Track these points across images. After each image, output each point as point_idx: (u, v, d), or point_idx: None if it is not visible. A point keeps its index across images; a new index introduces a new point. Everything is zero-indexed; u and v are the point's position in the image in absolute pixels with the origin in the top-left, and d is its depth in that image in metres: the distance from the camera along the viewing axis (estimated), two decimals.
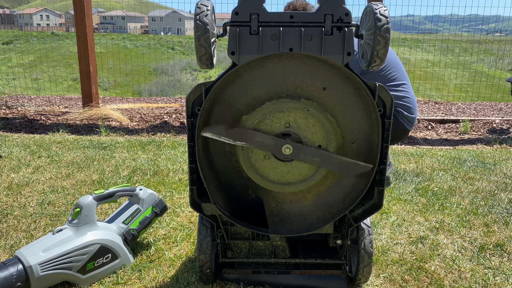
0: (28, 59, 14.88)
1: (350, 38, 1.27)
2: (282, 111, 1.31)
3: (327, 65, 1.29)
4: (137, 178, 2.66)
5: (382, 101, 1.32)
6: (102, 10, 60.09)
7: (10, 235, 1.89)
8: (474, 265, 1.71)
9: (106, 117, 4.32)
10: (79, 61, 4.37)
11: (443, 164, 3.05)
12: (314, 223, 1.44)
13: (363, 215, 1.45)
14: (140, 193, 1.77)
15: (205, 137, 1.38)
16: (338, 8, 1.25)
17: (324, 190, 1.43)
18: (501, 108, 5.49)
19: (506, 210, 2.24)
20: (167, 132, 3.97)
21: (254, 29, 1.26)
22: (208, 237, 1.49)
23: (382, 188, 1.38)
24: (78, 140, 3.57)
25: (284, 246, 1.52)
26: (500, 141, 3.76)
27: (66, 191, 2.42)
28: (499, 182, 2.68)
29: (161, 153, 3.23)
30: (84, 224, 1.57)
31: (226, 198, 1.45)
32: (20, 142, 3.42)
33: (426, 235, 1.96)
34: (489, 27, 27.78)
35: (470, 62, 11.74)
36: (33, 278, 1.42)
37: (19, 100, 5.56)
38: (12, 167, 2.81)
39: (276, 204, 1.46)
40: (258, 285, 1.53)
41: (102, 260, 1.58)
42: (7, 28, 34.87)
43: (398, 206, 2.30)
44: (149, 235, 1.93)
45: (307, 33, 1.26)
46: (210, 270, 1.50)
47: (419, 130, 4.27)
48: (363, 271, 1.50)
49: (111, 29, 48.71)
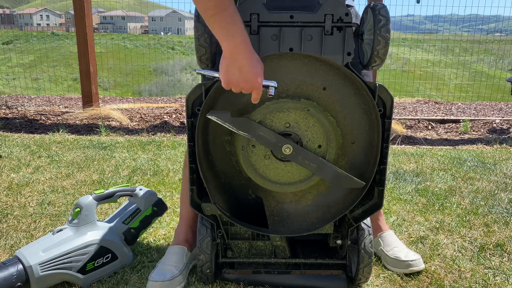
0: (28, 59, 14.88)
1: (350, 38, 1.27)
2: (282, 111, 1.31)
3: (327, 65, 1.29)
4: (137, 178, 2.66)
5: (382, 101, 1.32)
6: (102, 10, 60.09)
7: (10, 235, 1.89)
8: (474, 265, 1.71)
9: (106, 117, 4.32)
10: (79, 61, 4.37)
11: (443, 164, 3.05)
12: (314, 223, 1.44)
13: (363, 215, 1.45)
14: (140, 193, 1.77)
15: (205, 137, 1.38)
16: (338, 8, 1.25)
17: (324, 190, 1.43)
18: (501, 108, 5.49)
19: (506, 210, 2.24)
20: (167, 132, 3.97)
21: (254, 29, 1.26)
22: (208, 237, 1.49)
23: (382, 188, 1.38)
24: (78, 140, 3.57)
25: (284, 246, 1.52)
26: (500, 141, 3.76)
27: (66, 191, 2.42)
28: (499, 182, 2.68)
29: (161, 153, 3.23)
30: (84, 224, 1.57)
31: (226, 198, 1.45)
32: (20, 142, 3.43)
33: (426, 235, 1.96)
34: (489, 27, 27.79)
35: (470, 62, 11.74)
36: (33, 278, 1.42)
37: (19, 100, 5.56)
38: (12, 167, 2.81)
39: (276, 204, 1.46)
40: (258, 285, 1.53)
41: (102, 260, 1.58)
42: (7, 28, 34.89)
43: (398, 206, 2.30)
44: (149, 235, 1.93)
45: (307, 33, 1.26)
46: (210, 270, 1.50)
47: (419, 130, 4.27)
48: (363, 271, 1.50)
49: (111, 29, 48.72)
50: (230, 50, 1.13)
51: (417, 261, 1.63)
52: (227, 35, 1.11)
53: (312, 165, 1.33)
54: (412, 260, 1.62)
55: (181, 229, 1.69)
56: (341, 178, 1.34)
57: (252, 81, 1.15)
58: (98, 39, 12.74)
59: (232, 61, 1.14)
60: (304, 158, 1.32)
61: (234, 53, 1.13)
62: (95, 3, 14.12)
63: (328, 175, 1.34)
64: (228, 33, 1.11)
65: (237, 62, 1.14)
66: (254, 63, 1.15)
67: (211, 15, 1.11)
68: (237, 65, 1.14)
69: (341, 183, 1.36)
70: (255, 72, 1.15)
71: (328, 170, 1.33)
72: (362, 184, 1.35)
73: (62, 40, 25.66)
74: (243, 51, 1.13)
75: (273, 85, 1.18)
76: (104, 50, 10.99)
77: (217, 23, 1.11)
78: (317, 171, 1.34)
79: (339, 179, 1.35)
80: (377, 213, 1.77)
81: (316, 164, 1.33)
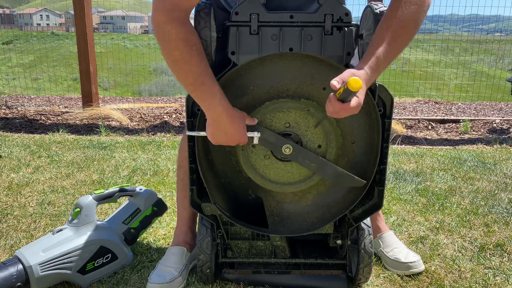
0: (28, 59, 14.87)
1: (350, 38, 1.27)
2: (282, 111, 1.31)
3: (327, 65, 1.28)
4: (137, 178, 2.66)
5: (382, 101, 1.32)
6: (102, 10, 60.10)
7: (10, 235, 1.89)
8: (474, 265, 1.71)
9: (106, 117, 4.32)
10: (79, 61, 4.37)
11: (443, 164, 3.05)
12: (314, 223, 1.44)
13: (363, 215, 1.45)
14: (140, 193, 1.77)
15: (205, 136, 1.38)
16: (338, 8, 1.25)
17: (324, 190, 1.42)
18: (501, 108, 5.49)
19: (506, 210, 2.24)
20: (167, 132, 3.97)
21: (254, 29, 1.25)
22: (208, 237, 1.49)
23: (382, 188, 1.38)
24: (78, 140, 3.56)
25: (284, 246, 1.52)
26: (500, 141, 3.76)
27: (66, 191, 2.42)
28: (499, 182, 2.68)
29: (161, 153, 3.23)
30: (84, 224, 1.57)
31: (226, 198, 1.45)
32: (20, 142, 3.42)
33: (426, 235, 1.95)
34: (489, 27, 27.79)
35: (470, 62, 11.73)
36: (33, 278, 1.42)
37: (19, 100, 5.56)
38: (12, 167, 2.81)
39: (276, 204, 1.46)
40: (258, 285, 1.53)
41: (102, 260, 1.58)
42: (7, 28, 34.85)
43: (398, 206, 2.30)
44: (149, 235, 1.93)
45: (307, 33, 1.26)
46: (210, 270, 1.50)
47: (419, 130, 4.27)
48: (363, 271, 1.50)
49: (111, 29, 48.70)
50: (213, 118, 1.24)
51: (417, 262, 1.63)
52: (209, 107, 1.22)
53: (313, 165, 1.33)
54: (412, 262, 1.62)
55: (180, 230, 1.69)
56: (342, 176, 1.35)
57: (237, 139, 1.28)
58: (98, 39, 12.75)
59: (216, 127, 1.25)
60: (304, 157, 1.32)
61: (217, 121, 1.24)
62: (95, 3, 14.13)
63: (328, 174, 1.34)
64: (210, 105, 1.22)
65: (222, 127, 1.25)
66: (236, 125, 1.25)
67: (191, 91, 1.22)
68: (222, 130, 1.25)
69: (342, 181, 1.36)
70: (239, 132, 1.27)
71: (328, 169, 1.34)
72: (363, 182, 1.35)
73: (62, 40, 25.66)
74: (225, 119, 1.23)
75: (257, 135, 1.29)
76: (104, 50, 10.99)
77: (198, 97, 1.22)
78: (318, 171, 1.34)
79: (340, 177, 1.35)
80: (377, 214, 1.77)
81: (317, 163, 1.33)
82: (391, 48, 1.17)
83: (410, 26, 1.18)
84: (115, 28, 51.18)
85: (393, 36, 1.17)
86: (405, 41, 1.20)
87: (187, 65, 1.18)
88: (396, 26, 1.17)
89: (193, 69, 1.19)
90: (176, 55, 1.18)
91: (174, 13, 1.15)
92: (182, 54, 1.17)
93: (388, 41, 1.16)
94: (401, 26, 1.17)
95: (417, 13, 1.18)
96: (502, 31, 21.71)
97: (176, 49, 1.17)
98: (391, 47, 1.17)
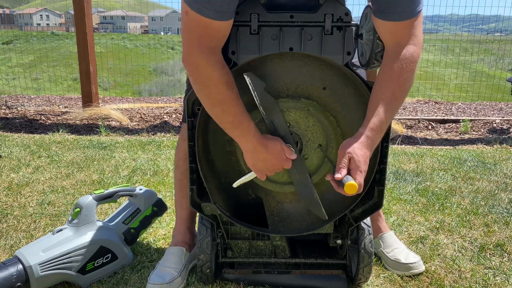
0: (28, 59, 14.87)
1: (350, 38, 1.27)
2: (282, 110, 1.31)
3: (327, 64, 1.28)
4: (137, 178, 2.66)
5: None
6: (102, 10, 60.10)
7: (10, 235, 1.89)
8: (474, 265, 1.71)
9: (106, 117, 4.32)
10: (79, 61, 4.37)
11: (443, 164, 3.05)
12: (314, 223, 1.44)
13: (363, 215, 1.45)
14: (140, 193, 1.77)
15: (205, 136, 1.38)
16: (338, 7, 1.25)
17: (324, 190, 1.42)
18: (501, 108, 5.49)
19: (506, 210, 2.24)
20: (167, 132, 3.97)
21: (254, 29, 1.25)
22: (208, 237, 1.49)
23: (382, 188, 1.38)
24: (78, 140, 3.56)
25: (284, 246, 1.52)
26: (500, 141, 3.75)
27: (66, 191, 2.42)
28: (499, 182, 2.68)
29: (161, 153, 3.23)
30: (84, 224, 1.57)
31: (226, 198, 1.45)
32: (20, 142, 3.42)
33: (426, 235, 1.95)
34: (489, 27, 27.76)
35: (470, 62, 11.73)
36: (33, 278, 1.42)
37: (19, 100, 5.56)
38: (12, 167, 2.80)
39: (276, 204, 1.46)
40: (258, 285, 1.53)
41: (102, 260, 1.58)
42: (7, 28, 34.86)
43: (398, 206, 2.30)
44: (149, 235, 1.93)
45: (307, 33, 1.26)
46: (210, 270, 1.50)
47: (419, 130, 4.27)
48: (363, 271, 1.50)
49: (111, 29, 48.71)
50: (250, 150, 1.25)
51: (417, 263, 1.62)
52: (245, 141, 1.24)
53: (295, 177, 1.33)
54: (412, 263, 1.62)
55: (179, 230, 1.69)
56: (313, 202, 1.34)
57: (278, 164, 1.27)
58: (98, 39, 12.73)
59: (254, 158, 1.26)
60: (295, 167, 1.31)
61: (253, 152, 1.25)
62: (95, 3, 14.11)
63: (303, 193, 1.34)
64: (246, 139, 1.24)
65: (260, 156, 1.25)
66: (272, 150, 1.25)
67: (229, 128, 1.24)
68: (260, 159, 1.26)
69: (309, 206, 1.36)
70: (277, 157, 1.26)
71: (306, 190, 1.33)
72: (325, 217, 1.34)
73: (62, 40, 25.65)
74: (260, 148, 1.24)
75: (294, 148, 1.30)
76: (104, 50, 10.99)
77: (235, 133, 1.24)
78: (297, 184, 1.34)
79: (311, 202, 1.34)
80: (377, 214, 1.77)
81: (302, 177, 1.32)
82: (391, 107, 1.20)
83: (407, 85, 1.21)
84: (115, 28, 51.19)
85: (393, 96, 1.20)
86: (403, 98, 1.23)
87: (227, 106, 1.19)
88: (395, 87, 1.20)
89: (233, 109, 1.19)
90: (217, 98, 1.18)
91: (213, 57, 1.15)
92: (224, 97, 1.17)
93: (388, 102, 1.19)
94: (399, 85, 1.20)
95: (413, 71, 1.21)
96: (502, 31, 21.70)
97: (218, 93, 1.17)
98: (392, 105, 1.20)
